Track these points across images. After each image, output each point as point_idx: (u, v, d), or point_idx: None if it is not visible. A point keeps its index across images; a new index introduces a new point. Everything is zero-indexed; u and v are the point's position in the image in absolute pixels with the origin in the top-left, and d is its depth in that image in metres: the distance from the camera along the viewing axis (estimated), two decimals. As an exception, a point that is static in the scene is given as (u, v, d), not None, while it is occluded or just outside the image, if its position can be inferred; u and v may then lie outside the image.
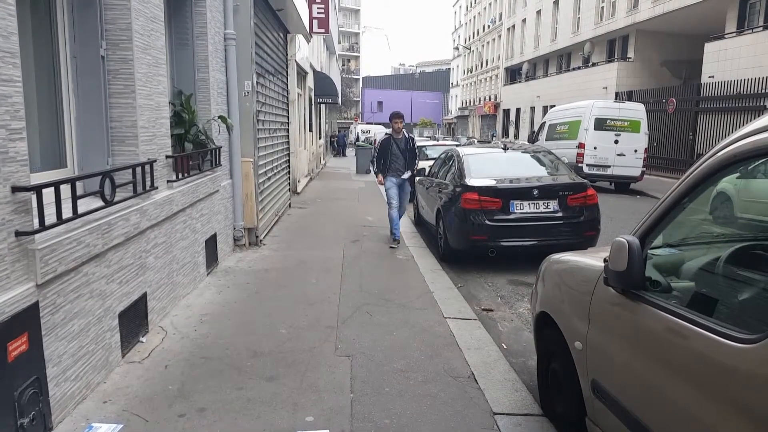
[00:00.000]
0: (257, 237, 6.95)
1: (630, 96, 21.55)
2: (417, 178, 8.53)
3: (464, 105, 56.53)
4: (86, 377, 2.95)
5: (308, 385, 3.19)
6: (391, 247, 7.00)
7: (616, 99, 20.03)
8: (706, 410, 1.64)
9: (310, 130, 17.35)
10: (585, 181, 6.85)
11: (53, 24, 3.25)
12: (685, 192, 2.01)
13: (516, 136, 37.07)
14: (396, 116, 7.40)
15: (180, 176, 4.46)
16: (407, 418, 2.86)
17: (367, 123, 52.53)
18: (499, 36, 43.91)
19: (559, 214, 6.24)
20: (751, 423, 1.49)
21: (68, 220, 2.73)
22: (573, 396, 2.56)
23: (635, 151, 14.52)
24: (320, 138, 23.09)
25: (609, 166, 14.56)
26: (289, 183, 10.81)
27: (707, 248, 2.51)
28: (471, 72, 53.74)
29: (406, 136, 7.44)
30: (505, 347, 4.08)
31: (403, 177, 7.35)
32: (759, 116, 1.83)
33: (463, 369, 3.46)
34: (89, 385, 2.99)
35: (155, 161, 3.85)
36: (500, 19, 43.46)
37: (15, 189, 2.34)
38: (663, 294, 2.04)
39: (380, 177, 7.49)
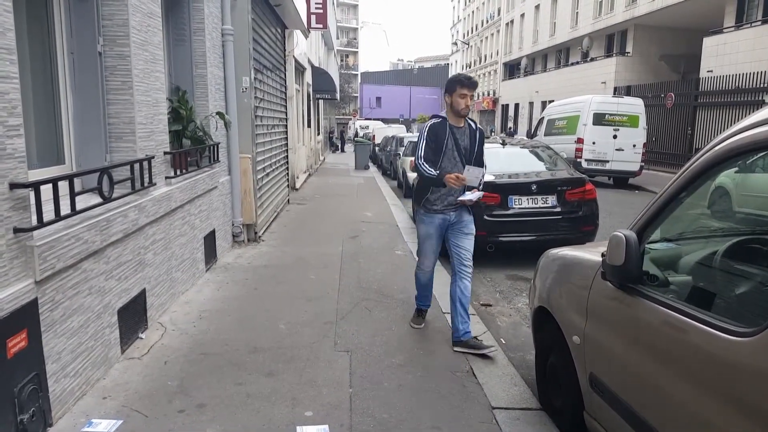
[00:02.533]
0: (256, 233, 6.95)
1: (628, 91, 21.54)
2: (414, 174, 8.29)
3: (463, 100, 56.33)
4: (86, 373, 2.95)
5: (307, 381, 3.19)
6: (413, 327, 4.10)
7: (614, 94, 20.03)
8: (704, 403, 1.65)
9: (309, 126, 17.32)
10: (583, 176, 6.85)
11: (50, 20, 3.24)
12: (683, 186, 2.02)
13: (514, 132, 37.02)
14: (466, 85, 3.68)
15: (178, 173, 4.45)
16: (406, 412, 2.87)
17: (366, 119, 52.46)
18: (498, 31, 43.80)
19: (558, 209, 6.24)
20: (747, 416, 1.49)
21: (66, 216, 2.73)
22: (571, 390, 2.57)
23: (634, 145, 14.51)
24: (319, 134, 23.06)
25: (607, 161, 14.56)
26: (288, 179, 10.80)
27: (705, 242, 2.52)
28: (469, 67, 53.59)
29: (472, 126, 3.86)
30: (503, 342, 4.09)
31: (464, 198, 3.71)
32: (757, 110, 1.83)
33: (462, 364, 3.47)
34: (89, 382, 2.99)
35: (153, 158, 3.85)
36: (499, 14, 43.35)
37: (13, 186, 2.34)
38: (660, 288, 2.05)
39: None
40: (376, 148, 23.96)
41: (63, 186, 2.75)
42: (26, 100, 2.84)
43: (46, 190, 2.56)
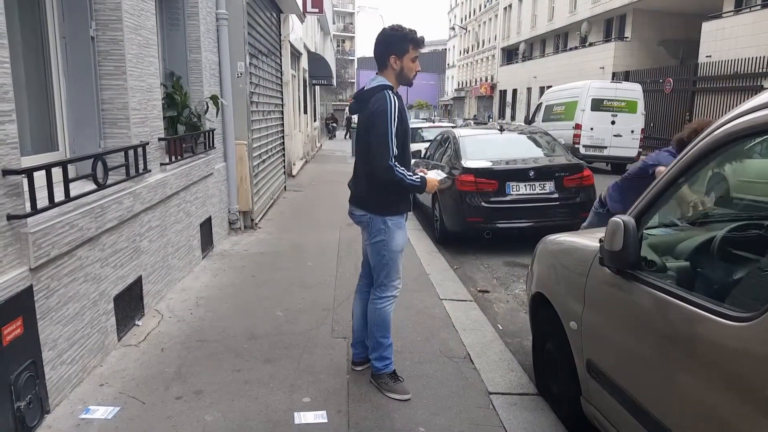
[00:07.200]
0: (252, 220, 6.93)
1: (627, 76, 21.44)
2: (413, 161, 8.17)
3: (460, 86, 56.11)
4: (82, 361, 2.95)
5: (305, 367, 3.20)
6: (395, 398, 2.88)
7: (613, 79, 19.92)
8: (702, 389, 1.65)
9: (305, 112, 17.22)
10: (581, 162, 6.84)
11: (41, 4, 3.18)
12: (682, 172, 2.00)
13: (513, 118, 36.88)
14: (420, 44, 2.94)
15: (173, 159, 4.41)
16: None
17: (363, 105, 52.01)
18: (496, 15, 43.42)
19: (555, 196, 6.24)
20: (745, 400, 1.50)
21: (60, 203, 2.70)
22: (568, 376, 2.57)
23: (632, 131, 14.48)
24: (315, 120, 22.94)
25: (605, 147, 14.53)
26: (284, 166, 10.75)
27: (703, 228, 2.51)
28: (467, 53, 53.24)
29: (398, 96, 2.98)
30: (500, 328, 4.10)
31: (439, 178, 3.04)
32: (756, 95, 1.81)
33: (459, 350, 3.48)
34: (86, 369, 2.99)
35: (148, 144, 3.81)
36: (497, -2, 42.96)
37: (5, 172, 2.31)
38: (658, 274, 2.04)
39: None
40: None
41: (57, 172, 2.73)
42: (18, 85, 2.80)
43: (40, 177, 2.53)
